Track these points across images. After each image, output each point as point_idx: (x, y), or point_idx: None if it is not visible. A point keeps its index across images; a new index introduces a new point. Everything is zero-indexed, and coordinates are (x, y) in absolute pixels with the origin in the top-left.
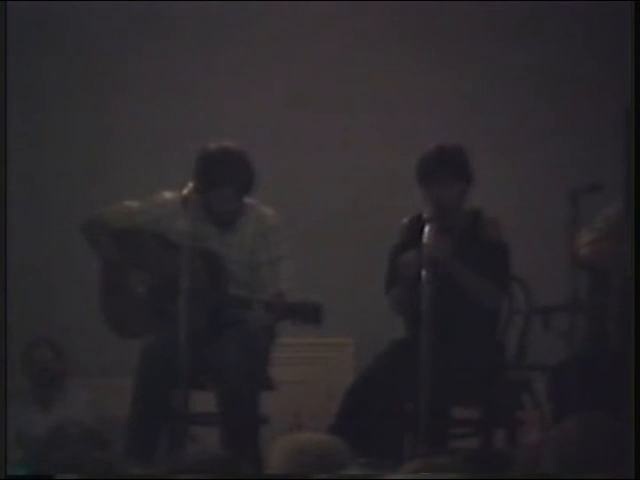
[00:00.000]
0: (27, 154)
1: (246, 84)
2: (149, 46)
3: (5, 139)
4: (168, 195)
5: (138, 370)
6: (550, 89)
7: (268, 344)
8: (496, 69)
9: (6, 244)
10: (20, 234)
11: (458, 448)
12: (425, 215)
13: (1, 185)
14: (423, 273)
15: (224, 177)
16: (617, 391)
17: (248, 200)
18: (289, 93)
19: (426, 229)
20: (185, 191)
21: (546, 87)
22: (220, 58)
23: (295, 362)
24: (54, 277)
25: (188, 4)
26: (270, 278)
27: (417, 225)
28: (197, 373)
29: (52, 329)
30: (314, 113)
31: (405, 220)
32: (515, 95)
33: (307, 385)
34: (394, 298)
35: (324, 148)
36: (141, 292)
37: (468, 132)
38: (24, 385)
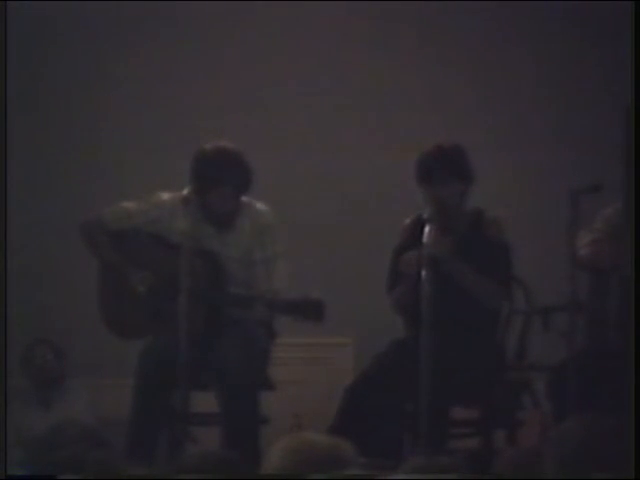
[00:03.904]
0: (27, 154)
1: (246, 84)
2: (149, 46)
3: (5, 139)
4: (166, 196)
5: (138, 370)
6: (550, 89)
7: (268, 344)
8: (496, 69)
9: (6, 244)
10: (20, 234)
11: (458, 448)
12: (425, 215)
13: (1, 185)
14: (423, 273)
15: (222, 177)
16: (617, 391)
17: (244, 198)
18: (289, 93)
19: (426, 229)
20: (184, 191)
21: (546, 87)
22: (220, 58)
23: (295, 362)
24: (54, 277)
25: (188, 4)
26: (264, 276)
27: (418, 225)
28: (197, 373)
29: (52, 329)
30: (314, 113)
31: (407, 220)
32: (515, 95)
33: (307, 385)
34: (395, 298)
35: (324, 148)
36: (140, 292)
37: (468, 132)
38: (24, 385)
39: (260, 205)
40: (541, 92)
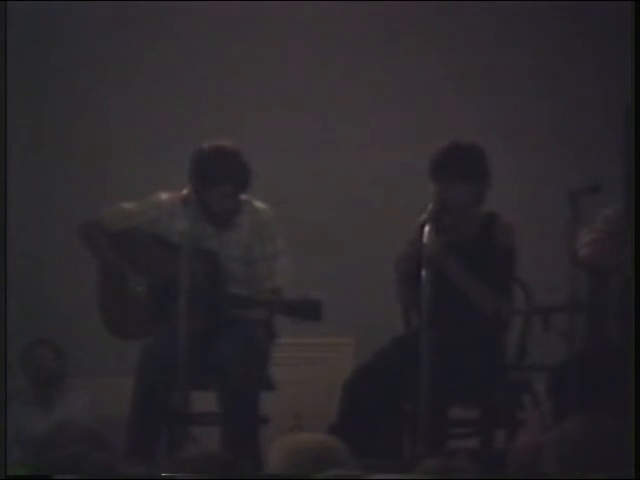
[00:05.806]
0: (27, 154)
1: (246, 84)
2: (149, 46)
3: (5, 139)
4: (165, 196)
5: (138, 370)
6: (550, 89)
7: (268, 344)
8: (496, 69)
9: (6, 244)
10: (20, 234)
11: (458, 448)
12: (425, 214)
13: (1, 185)
14: (423, 273)
15: (221, 176)
16: (617, 391)
17: (243, 197)
18: (289, 92)
19: (426, 229)
20: (184, 191)
21: (546, 87)
22: (220, 58)
23: (295, 362)
24: (54, 277)
25: (188, 4)
26: (266, 273)
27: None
28: (197, 373)
29: (52, 329)
30: (314, 112)
31: (424, 215)
32: (515, 95)
33: (307, 385)
34: (398, 295)
35: (325, 147)
36: (140, 293)
37: (468, 132)
38: (24, 385)
39: (259, 203)
40: (541, 92)
